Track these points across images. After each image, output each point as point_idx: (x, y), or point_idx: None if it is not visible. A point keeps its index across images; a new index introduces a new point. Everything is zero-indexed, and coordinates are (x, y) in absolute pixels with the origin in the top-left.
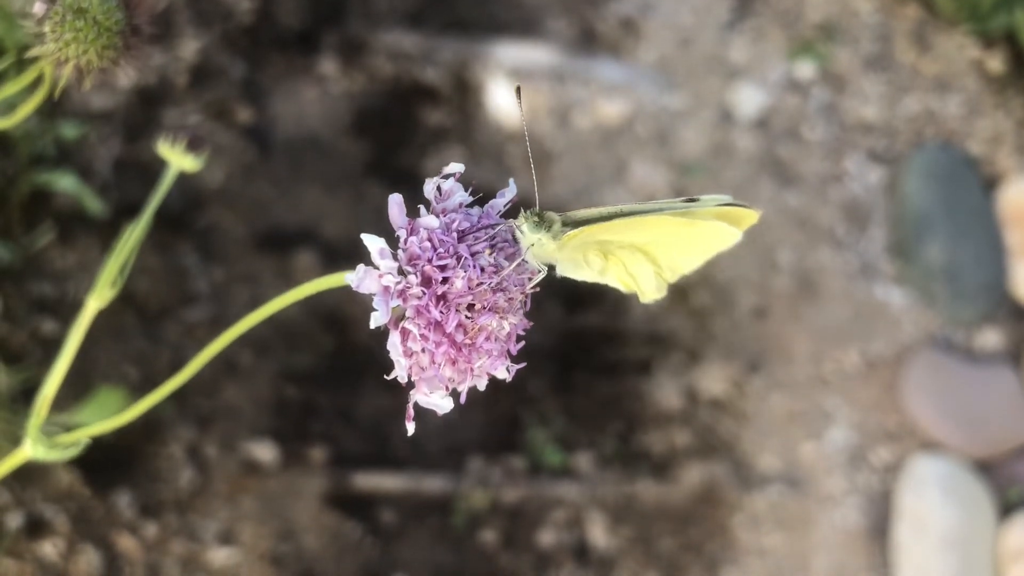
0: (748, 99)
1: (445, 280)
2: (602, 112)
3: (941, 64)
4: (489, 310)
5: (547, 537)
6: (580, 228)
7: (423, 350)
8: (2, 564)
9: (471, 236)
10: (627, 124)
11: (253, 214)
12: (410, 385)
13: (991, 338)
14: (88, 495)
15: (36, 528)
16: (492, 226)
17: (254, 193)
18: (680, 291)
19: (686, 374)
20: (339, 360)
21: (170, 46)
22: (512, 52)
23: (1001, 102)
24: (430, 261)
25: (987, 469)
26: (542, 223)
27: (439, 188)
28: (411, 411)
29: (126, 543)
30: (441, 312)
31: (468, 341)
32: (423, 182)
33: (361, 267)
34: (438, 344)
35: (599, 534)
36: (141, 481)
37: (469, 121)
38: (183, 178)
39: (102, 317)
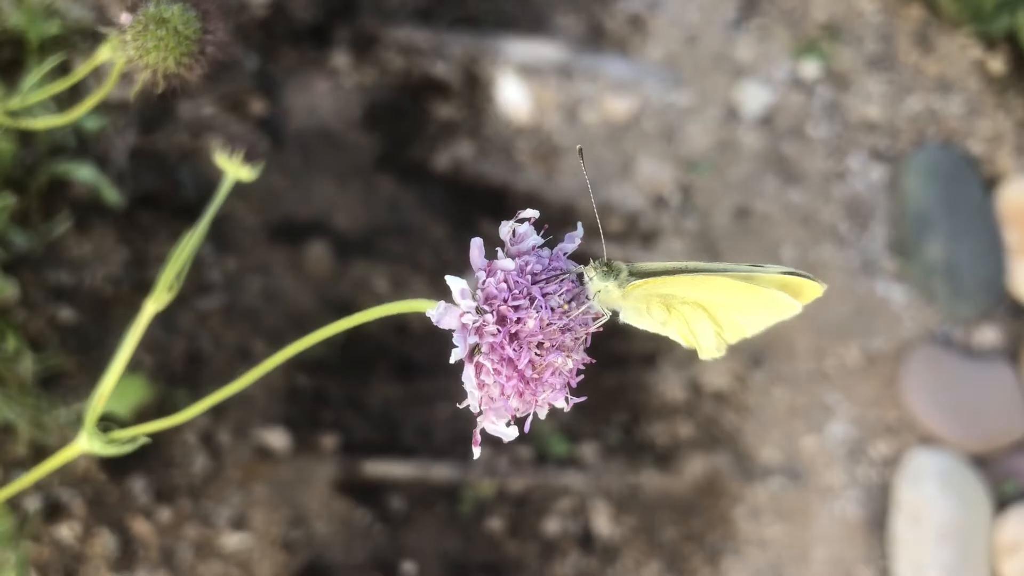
0: (753, 97)
1: (519, 320)
2: (609, 108)
3: (943, 64)
4: (557, 348)
5: (552, 525)
6: (645, 279)
7: (494, 383)
8: (22, 546)
9: (543, 278)
10: (634, 120)
11: (266, 205)
12: (479, 413)
13: (989, 335)
14: (104, 480)
15: (54, 511)
16: (564, 271)
17: (267, 184)
18: None
19: (690, 367)
20: (350, 350)
21: None
22: (521, 48)
23: (1002, 102)
24: (505, 301)
25: (984, 463)
26: (610, 272)
27: (513, 231)
28: (478, 437)
29: (141, 527)
30: (514, 350)
31: (536, 376)
32: (433, 176)
33: (442, 304)
34: (509, 378)
35: (603, 523)
36: (156, 467)
37: (478, 115)
38: (197, 168)
39: (119, 306)
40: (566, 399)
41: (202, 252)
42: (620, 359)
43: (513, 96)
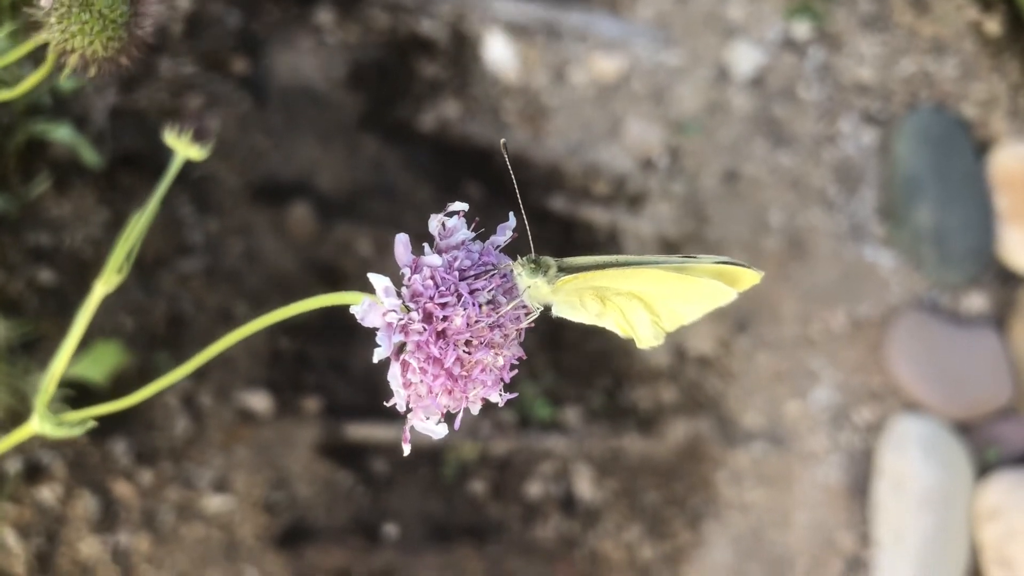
0: (744, 57)
1: (445, 318)
2: (598, 68)
3: (938, 25)
4: (485, 346)
5: (535, 488)
6: (574, 275)
7: (421, 381)
8: (2, 508)
9: (472, 274)
10: (623, 80)
11: (248, 165)
12: (407, 410)
13: (977, 301)
14: (85, 442)
15: (35, 473)
16: (493, 268)
17: (249, 144)
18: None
19: (675, 333)
20: (333, 313)
21: None
22: (509, 6)
23: (997, 65)
24: (432, 299)
25: (967, 430)
26: (538, 268)
27: (443, 224)
28: (407, 434)
29: (122, 489)
30: (440, 348)
31: (464, 373)
32: (418, 136)
33: (366, 300)
34: (436, 376)
35: (585, 486)
36: (137, 429)
37: (465, 74)
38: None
39: (99, 268)
40: (500, 394)
41: (183, 213)
42: None
43: (500, 55)
